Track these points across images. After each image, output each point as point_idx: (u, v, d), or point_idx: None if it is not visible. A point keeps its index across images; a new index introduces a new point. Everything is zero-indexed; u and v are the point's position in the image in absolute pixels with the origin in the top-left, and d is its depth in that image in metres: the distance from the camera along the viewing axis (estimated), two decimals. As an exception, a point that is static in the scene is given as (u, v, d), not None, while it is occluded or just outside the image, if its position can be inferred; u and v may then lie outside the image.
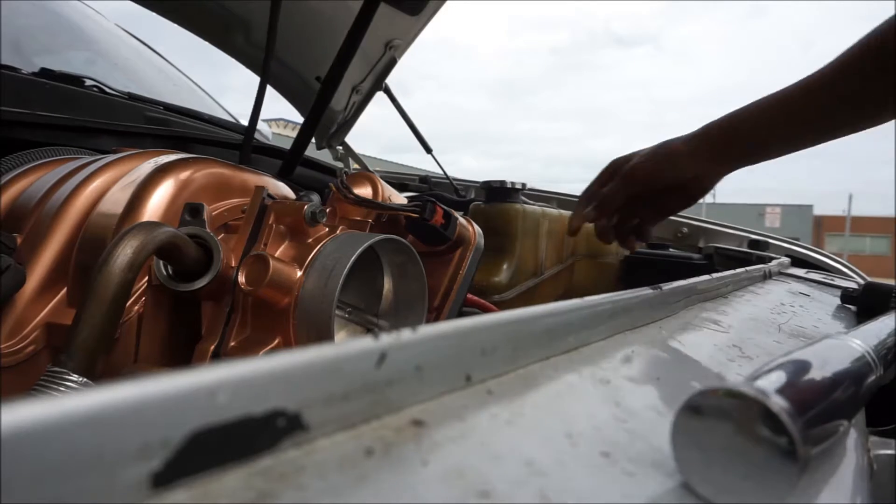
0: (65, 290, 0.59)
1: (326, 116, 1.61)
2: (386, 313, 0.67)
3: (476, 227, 0.78)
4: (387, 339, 0.22)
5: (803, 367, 0.27)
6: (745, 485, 0.20)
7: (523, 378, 0.28)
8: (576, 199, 1.59)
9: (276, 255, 0.57)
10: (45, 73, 1.03)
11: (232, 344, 0.56)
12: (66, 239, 0.60)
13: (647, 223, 0.88)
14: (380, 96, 1.58)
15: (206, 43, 1.50)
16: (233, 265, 0.56)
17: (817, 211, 33.05)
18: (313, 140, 1.69)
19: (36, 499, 0.13)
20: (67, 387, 0.42)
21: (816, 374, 0.27)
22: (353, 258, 0.55)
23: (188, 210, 0.58)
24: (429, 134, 1.53)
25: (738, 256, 1.26)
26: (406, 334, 0.22)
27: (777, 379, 0.24)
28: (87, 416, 0.14)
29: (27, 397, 0.15)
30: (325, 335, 0.54)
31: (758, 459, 0.20)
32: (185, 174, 0.64)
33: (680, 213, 1.51)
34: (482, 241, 0.78)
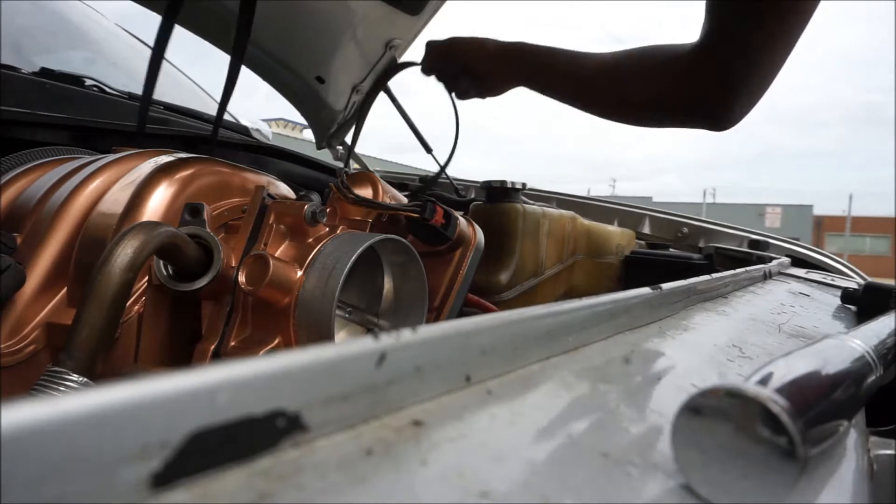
0: (65, 289, 0.59)
1: (326, 116, 1.61)
2: (386, 313, 0.67)
3: (476, 227, 0.78)
4: (387, 339, 0.22)
5: (803, 367, 0.27)
6: (744, 485, 0.20)
7: (523, 378, 0.28)
8: (576, 200, 1.59)
9: (276, 255, 0.57)
10: (45, 72, 1.03)
11: (232, 344, 0.56)
12: (66, 239, 0.61)
13: (462, 93, 1.07)
14: (380, 96, 1.57)
15: (206, 43, 1.50)
16: (233, 265, 0.56)
17: (817, 211, 33.05)
18: (313, 140, 1.70)
19: (36, 499, 0.13)
20: (67, 387, 0.42)
21: (816, 374, 0.27)
22: (353, 258, 0.55)
23: (188, 210, 0.58)
24: (429, 134, 1.52)
25: (739, 256, 1.26)
26: (406, 334, 0.22)
27: (777, 379, 0.24)
28: (87, 416, 0.14)
29: (27, 397, 0.15)
30: (325, 335, 0.54)
31: (758, 459, 0.20)
32: (185, 174, 0.64)
33: (680, 214, 1.51)
34: (482, 241, 0.78)
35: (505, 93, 1.06)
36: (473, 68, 1.02)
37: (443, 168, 1.07)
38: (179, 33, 1.42)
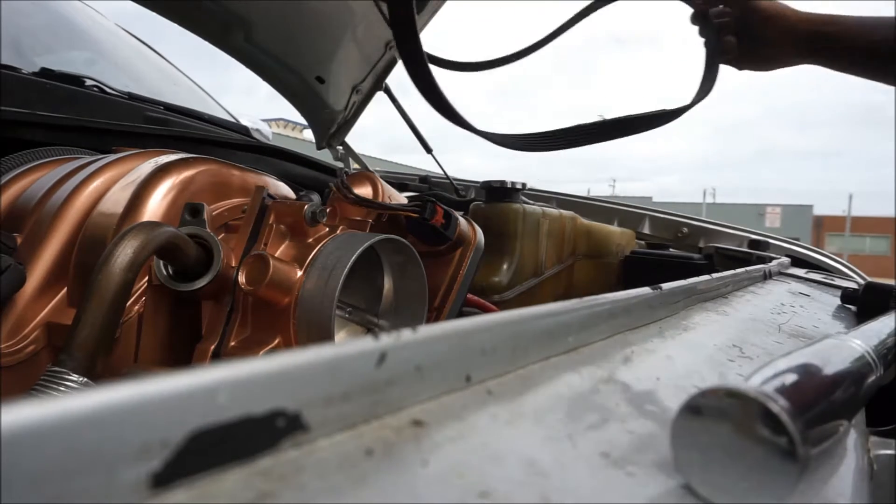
0: (65, 290, 0.59)
1: (326, 116, 1.61)
2: (386, 313, 0.67)
3: (476, 227, 0.78)
4: (387, 339, 0.22)
5: (803, 367, 0.27)
6: (744, 485, 0.20)
7: (523, 378, 0.28)
8: (576, 200, 1.59)
9: (276, 255, 0.57)
10: (45, 72, 1.03)
11: (232, 344, 0.56)
12: (66, 239, 0.61)
13: (717, 51, 0.95)
14: (380, 96, 1.58)
15: (207, 43, 1.50)
16: (233, 265, 0.56)
17: (817, 211, 33.02)
18: (313, 140, 1.70)
19: (36, 499, 0.13)
20: (67, 387, 0.42)
21: (816, 374, 0.27)
22: (353, 258, 0.55)
23: (188, 210, 0.58)
24: (429, 134, 1.52)
25: (739, 256, 1.26)
26: (406, 334, 0.22)
27: (777, 379, 0.24)
28: (87, 416, 0.14)
29: (27, 397, 0.15)
30: (325, 335, 0.54)
31: (758, 460, 0.20)
32: (185, 174, 0.64)
33: (680, 214, 1.51)
34: (482, 241, 0.78)
35: (777, 69, 0.94)
36: (752, 28, 0.89)
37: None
38: (178, 34, 1.42)
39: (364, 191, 0.69)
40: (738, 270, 0.76)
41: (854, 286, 0.87)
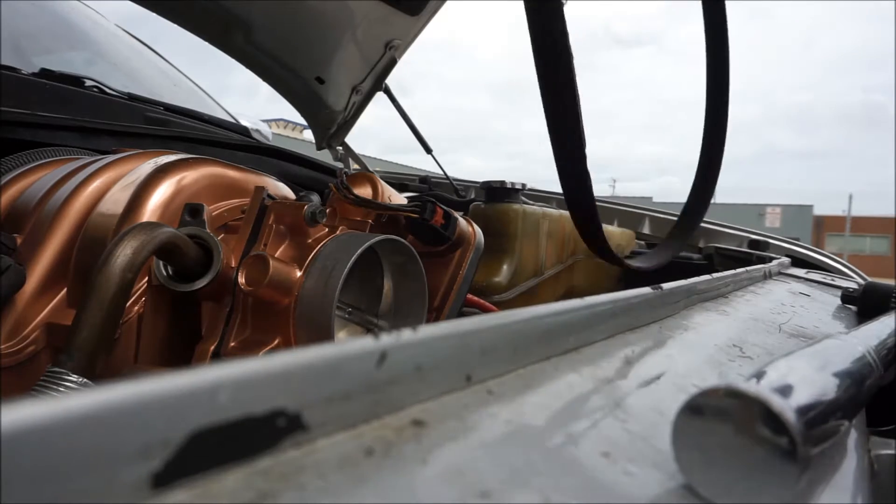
0: (65, 290, 0.59)
1: (326, 116, 1.61)
2: (386, 313, 0.66)
3: (476, 227, 0.78)
4: (387, 339, 0.22)
5: (804, 367, 0.27)
6: (745, 485, 0.20)
7: (523, 378, 0.28)
8: None
9: (276, 256, 0.57)
10: (45, 73, 1.03)
11: (232, 344, 0.56)
12: (66, 239, 0.60)
13: None
14: (380, 96, 1.58)
15: (207, 43, 1.50)
16: (233, 265, 0.56)
17: (817, 211, 33.00)
18: (313, 140, 1.70)
19: (36, 499, 0.13)
20: (67, 387, 0.42)
21: (817, 374, 0.27)
22: (353, 258, 0.55)
23: (188, 210, 0.58)
24: (429, 134, 1.52)
25: (739, 256, 1.26)
26: (406, 334, 0.22)
27: (778, 379, 0.24)
28: (87, 416, 0.14)
29: (27, 397, 0.15)
30: (325, 335, 0.54)
31: (758, 460, 0.20)
32: (184, 175, 0.64)
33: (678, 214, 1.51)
34: (482, 242, 0.78)
35: None
36: None
37: None
38: (179, 34, 1.42)
39: (364, 191, 0.69)
40: (739, 270, 0.76)
41: (854, 286, 0.87)
